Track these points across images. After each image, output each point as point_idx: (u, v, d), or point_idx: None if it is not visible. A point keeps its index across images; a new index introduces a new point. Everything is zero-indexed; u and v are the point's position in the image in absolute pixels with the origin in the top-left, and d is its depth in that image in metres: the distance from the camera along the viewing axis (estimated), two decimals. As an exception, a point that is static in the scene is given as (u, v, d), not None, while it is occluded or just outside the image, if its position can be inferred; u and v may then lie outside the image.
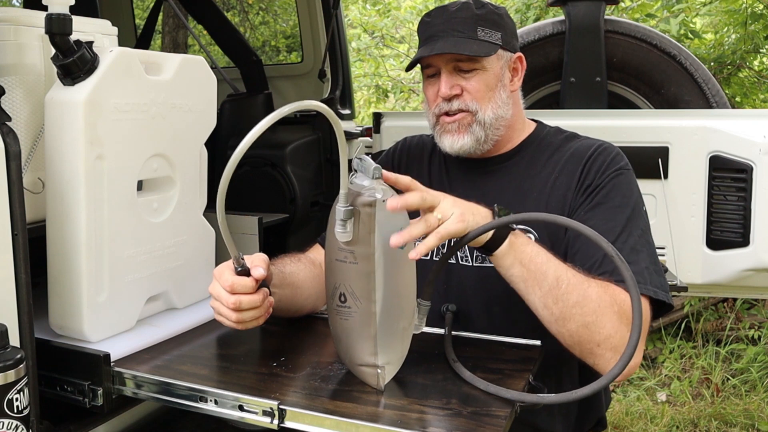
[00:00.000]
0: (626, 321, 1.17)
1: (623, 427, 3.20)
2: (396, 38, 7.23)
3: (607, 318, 1.17)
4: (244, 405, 1.07)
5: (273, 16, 5.31)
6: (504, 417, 1.00)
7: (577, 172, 1.39)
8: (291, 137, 2.44)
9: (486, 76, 1.41)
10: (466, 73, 1.40)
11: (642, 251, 1.29)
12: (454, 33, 1.39)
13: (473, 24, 1.39)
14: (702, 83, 2.69)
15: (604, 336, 1.17)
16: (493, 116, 1.41)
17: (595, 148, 1.41)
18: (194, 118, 1.47)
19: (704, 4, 5.05)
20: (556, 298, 1.17)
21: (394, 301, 1.11)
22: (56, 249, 1.24)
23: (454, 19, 1.39)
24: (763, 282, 2.21)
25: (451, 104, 1.41)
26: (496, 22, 1.41)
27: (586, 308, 1.16)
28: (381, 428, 0.98)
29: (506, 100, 1.44)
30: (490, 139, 1.43)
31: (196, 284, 1.53)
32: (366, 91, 7.22)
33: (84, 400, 1.18)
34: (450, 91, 1.40)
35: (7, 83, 1.24)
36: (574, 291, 1.17)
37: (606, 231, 1.28)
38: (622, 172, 1.38)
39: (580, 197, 1.37)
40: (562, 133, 1.50)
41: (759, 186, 2.12)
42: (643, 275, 1.25)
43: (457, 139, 1.43)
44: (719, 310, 4.20)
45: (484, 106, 1.41)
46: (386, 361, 1.11)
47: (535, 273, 1.18)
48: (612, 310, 1.17)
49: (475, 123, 1.41)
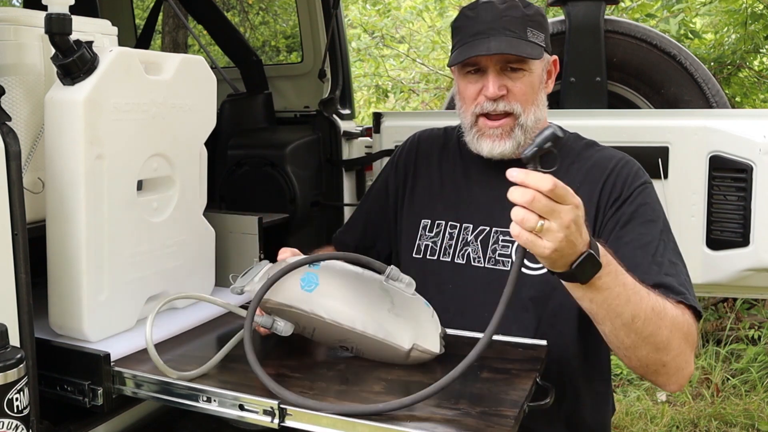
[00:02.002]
0: (691, 340, 1.20)
1: (623, 427, 3.20)
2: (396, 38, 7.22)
3: (675, 341, 1.17)
4: (245, 404, 1.07)
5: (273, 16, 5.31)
6: (513, 417, 1.00)
7: (600, 183, 1.38)
8: (291, 137, 2.44)
9: (532, 79, 1.38)
10: (514, 73, 1.37)
11: (678, 263, 1.30)
12: (506, 32, 1.34)
13: (524, 24, 1.36)
14: (702, 83, 2.69)
15: (671, 357, 1.19)
16: (534, 119, 1.39)
17: (617, 161, 1.40)
18: (194, 118, 1.47)
19: (704, 4, 5.05)
20: (628, 332, 1.15)
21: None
22: (56, 249, 1.24)
23: (504, 17, 1.35)
24: (763, 282, 2.21)
25: (496, 105, 1.38)
26: (541, 23, 1.39)
27: (659, 337, 1.16)
28: (386, 428, 0.98)
29: (545, 102, 1.43)
30: (527, 142, 1.40)
31: (196, 284, 1.53)
32: (366, 91, 7.22)
33: (84, 399, 1.18)
34: (498, 91, 1.36)
35: (7, 83, 1.24)
36: (650, 325, 1.14)
37: (644, 245, 1.29)
38: (647, 186, 1.38)
39: (609, 210, 1.36)
40: (582, 140, 1.49)
41: (759, 186, 2.12)
42: (686, 287, 1.26)
43: (498, 144, 1.40)
44: (719, 310, 4.19)
45: (528, 109, 1.39)
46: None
47: (607, 311, 1.13)
48: (682, 332, 1.18)
49: (518, 127, 1.39)
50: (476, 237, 1.45)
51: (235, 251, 1.70)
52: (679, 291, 1.24)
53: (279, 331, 1.19)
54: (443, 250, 1.48)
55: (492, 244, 1.43)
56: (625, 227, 1.33)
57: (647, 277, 1.25)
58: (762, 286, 2.24)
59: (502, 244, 1.42)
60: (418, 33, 7.04)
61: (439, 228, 1.50)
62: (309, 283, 1.19)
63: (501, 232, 1.42)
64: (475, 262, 1.43)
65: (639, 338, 1.15)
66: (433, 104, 6.66)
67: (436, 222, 1.51)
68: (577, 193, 1.39)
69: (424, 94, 6.97)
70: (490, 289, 1.38)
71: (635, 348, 1.17)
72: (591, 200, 1.37)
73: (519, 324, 1.36)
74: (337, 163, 2.52)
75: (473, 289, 1.41)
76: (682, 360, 1.19)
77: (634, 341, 1.16)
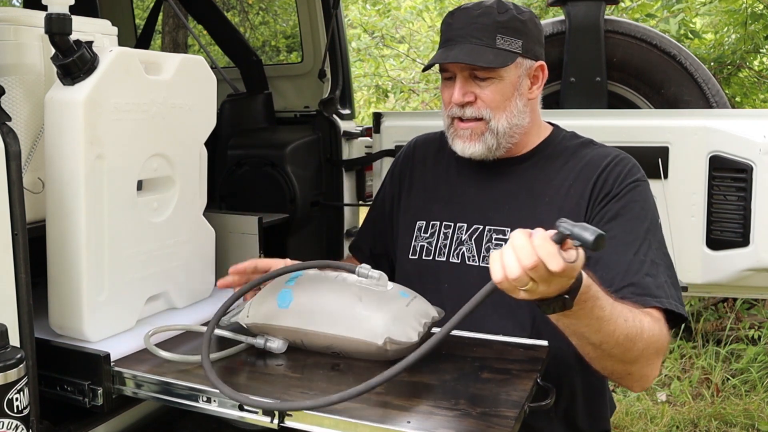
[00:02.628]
0: (661, 351, 1.21)
1: (623, 427, 3.20)
2: (396, 38, 7.23)
3: (645, 356, 1.18)
4: (245, 404, 1.07)
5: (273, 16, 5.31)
6: (513, 418, 1.00)
7: (591, 180, 1.38)
8: (291, 137, 2.44)
9: (502, 86, 1.39)
10: (482, 81, 1.39)
11: (661, 264, 1.30)
12: (472, 40, 1.36)
13: (493, 31, 1.36)
14: (702, 83, 2.69)
15: (638, 367, 1.21)
16: (507, 125, 1.40)
17: (611, 158, 1.40)
18: (194, 118, 1.47)
19: (704, 4, 5.05)
20: (597, 350, 1.17)
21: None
22: (56, 249, 1.24)
23: (474, 24, 1.37)
24: (763, 282, 2.21)
25: (464, 111, 1.41)
26: (517, 29, 1.39)
27: (629, 354, 1.17)
28: (387, 428, 0.98)
29: (522, 109, 1.42)
30: (503, 146, 1.42)
31: (196, 284, 1.53)
32: (366, 91, 7.22)
33: (84, 399, 1.18)
34: (463, 98, 1.39)
35: (7, 83, 1.24)
36: (621, 347, 1.15)
37: (627, 243, 1.30)
38: (639, 183, 1.37)
39: (597, 206, 1.36)
40: (578, 138, 1.49)
41: (759, 186, 2.12)
42: (664, 289, 1.26)
43: (469, 146, 1.42)
44: (719, 310, 4.19)
45: (498, 114, 1.39)
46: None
47: (582, 334, 1.15)
48: (654, 347, 1.19)
49: (488, 131, 1.40)
50: (470, 236, 1.46)
51: (235, 251, 1.71)
52: (655, 294, 1.25)
53: (273, 349, 1.24)
54: (438, 250, 1.49)
55: (486, 242, 1.44)
56: (609, 223, 1.33)
57: (626, 276, 1.26)
58: (762, 286, 2.24)
59: (495, 242, 1.43)
60: (418, 33, 7.04)
61: (434, 228, 1.51)
62: (284, 299, 1.26)
63: (494, 231, 1.43)
64: (470, 261, 1.43)
65: (604, 355, 1.17)
66: (433, 104, 6.66)
67: (431, 223, 1.52)
68: (568, 192, 1.40)
69: (424, 94, 6.97)
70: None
71: (600, 360, 1.20)
72: (582, 196, 1.37)
73: (515, 321, 1.37)
74: (337, 163, 2.52)
75: (468, 288, 1.41)
76: (648, 368, 1.22)
77: (599, 356, 1.19)
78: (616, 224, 1.33)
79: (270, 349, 1.24)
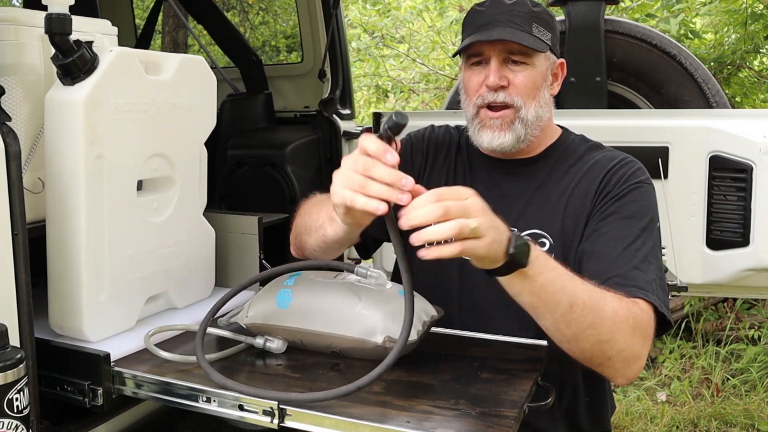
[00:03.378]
0: (639, 334, 1.18)
1: (623, 427, 3.20)
2: (396, 38, 7.22)
3: (620, 333, 1.16)
4: (244, 404, 1.07)
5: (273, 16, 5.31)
6: (513, 418, 1.00)
7: (597, 180, 1.38)
8: (291, 137, 2.44)
9: (534, 73, 1.39)
10: (516, 66, 1.38)
11: (652, 263, 1.29)
12: (510, 24, 1.36)
13: (529, 20, 1.37)
14: (702, 83, 2.69)
15: (616, 350, 1.17)
16: (534, 115, 1.40)
17: (618, 161, 1.41)
18: (194, 118, 1.47)
19: (704, 4, 5.05)
20: (569, 323, 1.15)
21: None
22: (56, 249, 1.24)
23: (511, 11, 1.38)
24: (763, 282, 2.21)
25: (496, 95, 1.38)
26: (548, 23, 1.41)
27: (600, 328, 1.15)
28: (386, 428, 0.97)
29: (548, 100, 1.43)
30: (528, 138, 1.41)
31: (196, 284, 1.53)
32: (366, 91, 7.22)
33: (84, 399, 1.18)
34: (499, 81, 1.37)
35: (7, 83, 1.24)
36: (589, 314, 1.14)
37: (620, 238, 1.29)
38: (642, 185, 1.37)
39: (599, 204, 1.36)
40: (587, 143, 1.50)
41: (759, 186, 2.12)
42: (651, 286, 1.25)
43: (498, 135, 1.40)
44: (719, 310, 4.19)
45: (528, 103, 1.39)
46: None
47: (546, 301, 1.14)
48: (627, 324, 1.16)
49: (518, 120, 1.39)
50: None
51: (235, 251, 1.70)
52: (642, 287, 1.23)
53: (273, 350, 1.25)
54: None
55: None
56: (605, 219, 1.33)
57: (613, 267, 1.25)
58: (762, 286, 2.24)
59: None
60: (418, 33, 7.03)
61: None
62: (283, 299, 1.26)
63: None
64: None
65: (579, 329, 1.15)
66: (433, 104, 6.65)
67: None
68: (573, 192, 1.40)
69: (424, 94, 6.96)
70: (492, 284, 1.39)
71: (577, 340, 1.17)
72: (587, 196, 1.38)
73: (521, 322, 1.36)
74: (337, 163, 2.51)
75: (477, 285, 1.42)
76: (630, 354, 1.18)
77: (575, 333, 1.16)
78: (611, 220, 1.33)
79: (269, 349, 1.24)
